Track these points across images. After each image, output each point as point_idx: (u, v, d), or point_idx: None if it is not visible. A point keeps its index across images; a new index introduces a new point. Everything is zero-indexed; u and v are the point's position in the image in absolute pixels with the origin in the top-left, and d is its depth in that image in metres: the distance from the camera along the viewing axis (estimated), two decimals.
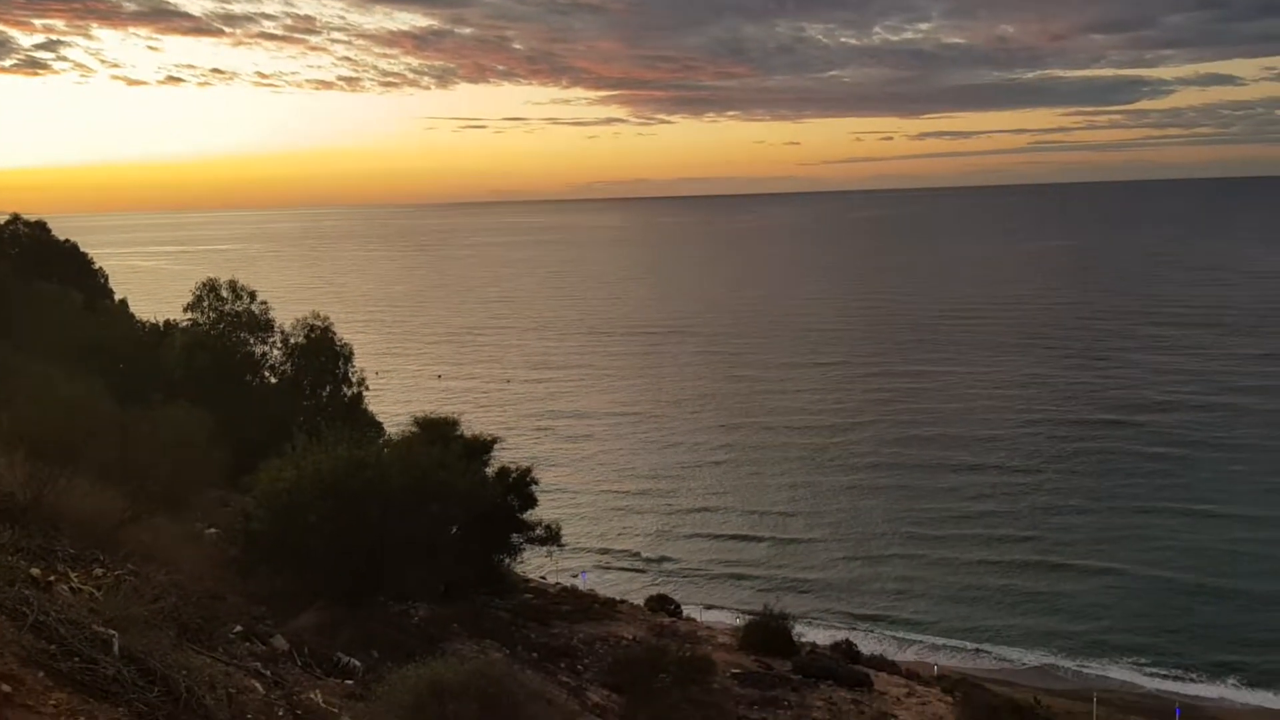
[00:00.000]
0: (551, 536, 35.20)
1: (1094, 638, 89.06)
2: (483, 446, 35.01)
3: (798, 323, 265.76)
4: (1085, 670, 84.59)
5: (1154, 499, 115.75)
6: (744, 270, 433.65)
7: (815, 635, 56.26)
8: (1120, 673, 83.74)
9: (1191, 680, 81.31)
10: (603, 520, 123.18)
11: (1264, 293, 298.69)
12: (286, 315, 58.69)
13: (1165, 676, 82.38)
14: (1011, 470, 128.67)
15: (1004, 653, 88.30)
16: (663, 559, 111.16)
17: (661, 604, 43.81)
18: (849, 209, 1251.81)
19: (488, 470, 34.59)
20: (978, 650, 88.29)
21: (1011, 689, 65.48)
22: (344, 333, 50.40)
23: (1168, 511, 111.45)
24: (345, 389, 52.20)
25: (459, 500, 28.20)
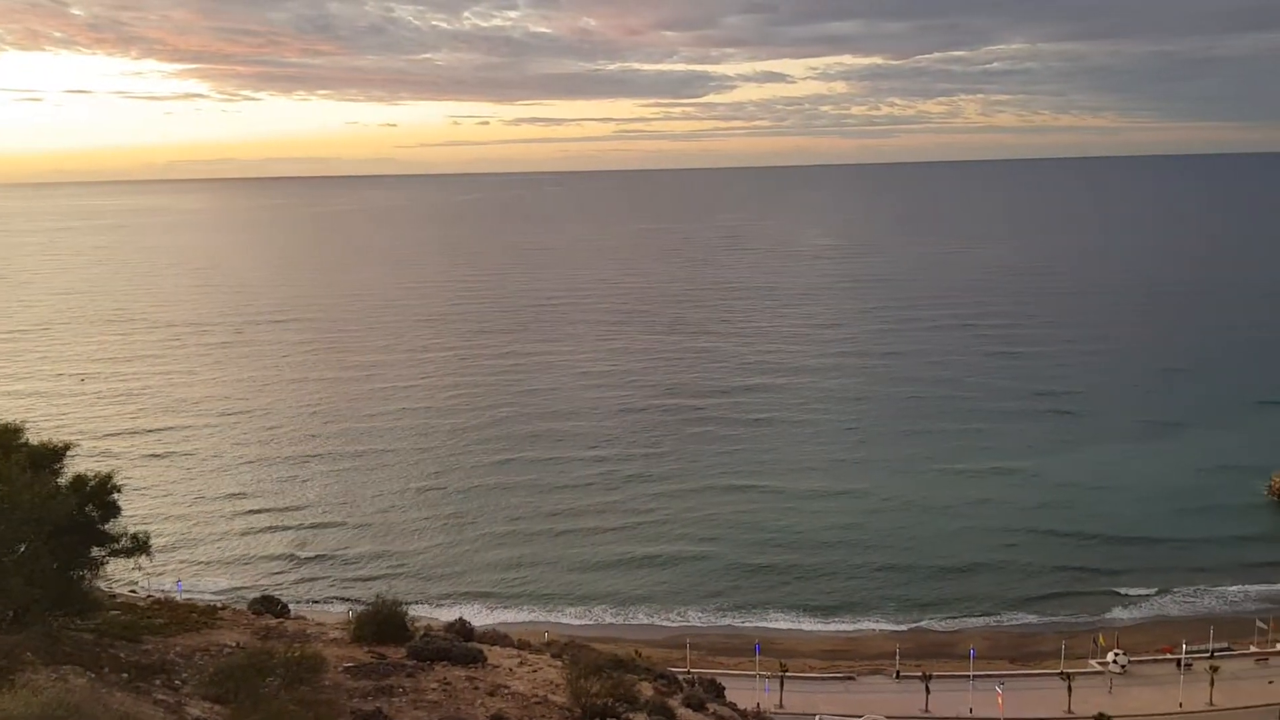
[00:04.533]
0: (140, 547, 32.47)
1: (682, 594, 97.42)
2: (52, 454, 31.67)
3: (403, 310, 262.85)
4: (677, 622, 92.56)
5: (731, 475, 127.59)
6: (343, 255, 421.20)
7: (431, 618, 56.60)
8: (707, 620, 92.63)
9: (767, 619, 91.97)
10: (201, 525, 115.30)
11: (811, 270, 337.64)
12: None
13: (746, 618, 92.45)
14: (607, 460, 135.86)
15: (604, 615, 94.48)
16: (270, 559, 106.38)
17: (267, 605, 41.95)
18: (450, 193, 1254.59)
19: (60, 480, 31.43)
20: (583, 615, 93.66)
21: (615, 645, 69.77)
22: None
23: (741, 487, 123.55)
24: None
25: (25, 516, 25.52)
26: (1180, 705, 74.68)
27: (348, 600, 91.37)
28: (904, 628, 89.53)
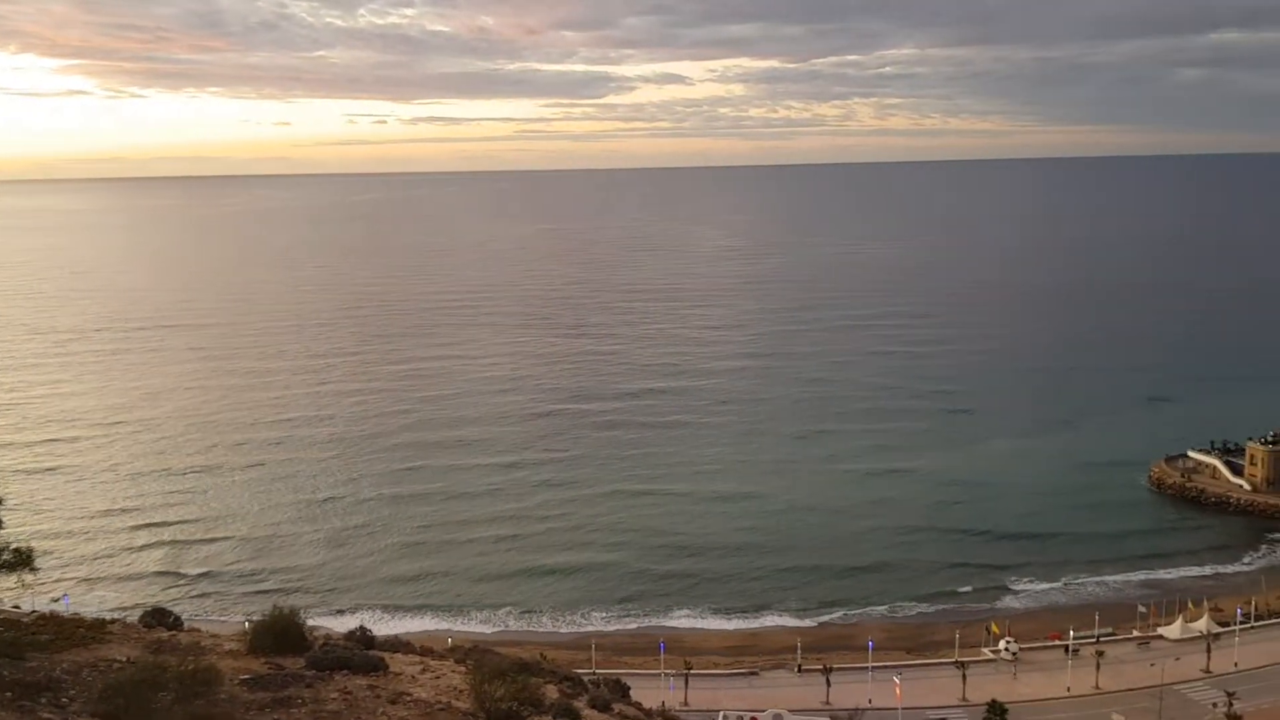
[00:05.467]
0: (22, 561, 31.48)
1: (589, 598, 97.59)
2: None
3: (299, 314, 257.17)
4: (583, 625, 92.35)
5: (637, 480, 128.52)
6: (236, 257, 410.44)
7: (331, 629, 55.73)
8: (613, 622, 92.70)
9: (672, 619, 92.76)
10: (90, 540, 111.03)
11: (713, 272, 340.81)
12: None
13: (651, 618, 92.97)
14: (513, 466, 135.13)
15: (509, 620, 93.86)
16: (164, 573, 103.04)
17: (159, 618, 40.90)
18: (347, 193, 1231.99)
19: None
20: (488, 621, 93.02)
21: (520, 649, 69.60)
22: None
23: (647, 491, 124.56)
24: None
25: None
26: (1068, 689, 77.59)
27: (245, 613, 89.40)
28: (805, 623, 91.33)
